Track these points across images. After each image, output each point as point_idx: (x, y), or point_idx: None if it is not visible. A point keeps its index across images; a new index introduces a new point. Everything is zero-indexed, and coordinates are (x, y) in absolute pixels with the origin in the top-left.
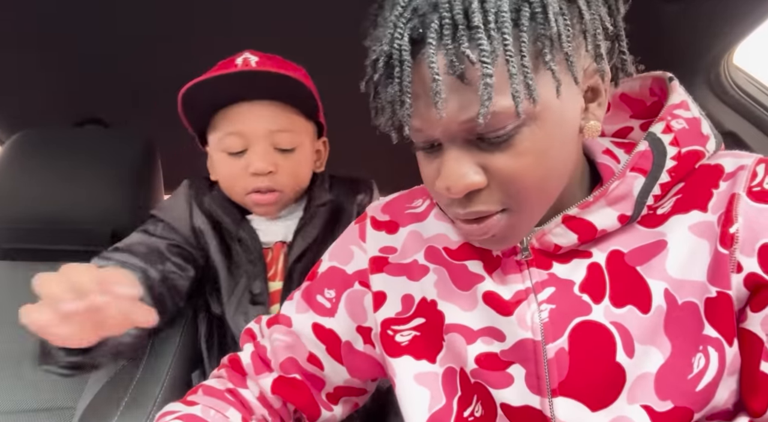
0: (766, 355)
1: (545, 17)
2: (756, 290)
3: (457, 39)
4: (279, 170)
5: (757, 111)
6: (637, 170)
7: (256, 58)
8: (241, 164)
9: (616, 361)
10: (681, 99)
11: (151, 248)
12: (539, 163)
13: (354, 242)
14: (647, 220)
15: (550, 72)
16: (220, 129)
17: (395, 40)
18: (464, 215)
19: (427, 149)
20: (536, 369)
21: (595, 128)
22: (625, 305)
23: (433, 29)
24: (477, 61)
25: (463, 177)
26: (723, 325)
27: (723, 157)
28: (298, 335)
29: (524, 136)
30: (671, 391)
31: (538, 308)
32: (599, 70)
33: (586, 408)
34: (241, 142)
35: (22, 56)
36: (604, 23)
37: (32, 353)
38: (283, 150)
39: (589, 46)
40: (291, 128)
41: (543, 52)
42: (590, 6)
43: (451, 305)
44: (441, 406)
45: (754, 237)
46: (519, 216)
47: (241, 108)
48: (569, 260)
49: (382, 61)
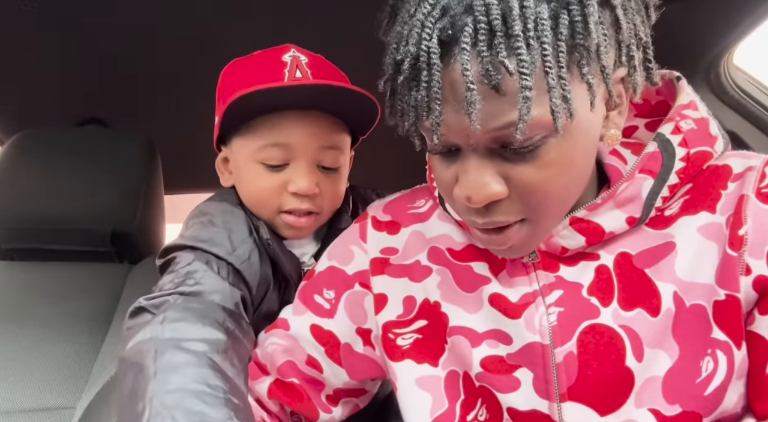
0: None
1: (585, 27)
2: (765, 293)
3: (495, 47)
4: (320, 190)
5: (757, 111)
6: (645, 171)
7: (306, 58)
8: (279, 179)
9: (625, 365)
10: (689, 99)
11: (234, 301)
12: (563, 174)
13: (354, 242)
14: (655, 221)
15: (585, 85)
16: (261, 137)
17: (423, 41)
18: (483, 224)
19: (444, 154)
20: (544, 373)
21: (616, 136)
22: (634, 309)
23: (467, 33)
24: (515, 72)
25: (484, 187)
26: (731, 328)
27: (731, 157)
28: (296, 338)
29: (551, 147)
30: (679, 395)
31: (546, 312)
32: (631, 81)
33: (594, 412)
34: (284, 155)
35: (22, 56)
36: (638, 32)
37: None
38: (326, 168)
39: (623, 56)
40: (339, 145)
41: (580, 63)
42: (627, 14)
43: (455, 307)
44: (443, 410)
45: (764, 239)
46: (537, 226)
47: (291, 117)
48: (576, 263)
49: (408, 64)
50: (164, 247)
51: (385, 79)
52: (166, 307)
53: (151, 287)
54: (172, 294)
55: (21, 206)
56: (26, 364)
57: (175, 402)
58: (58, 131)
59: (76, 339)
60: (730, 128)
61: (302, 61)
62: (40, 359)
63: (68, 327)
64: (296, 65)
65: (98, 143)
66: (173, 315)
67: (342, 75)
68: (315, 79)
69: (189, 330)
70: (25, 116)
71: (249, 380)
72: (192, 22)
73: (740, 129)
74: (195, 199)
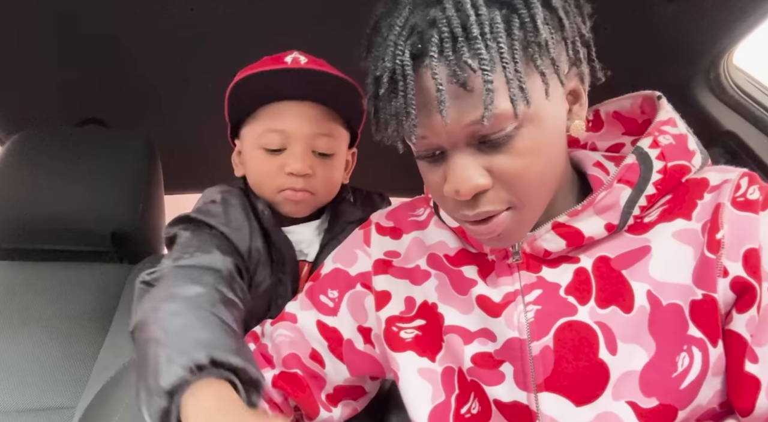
0: (750, 355)
1: (534, 26)
2: (741, 293)
3: (458, 50)
4: (314, 173)
5: (757, 111)
6: (624, 181)
7: (305, 59)
8: (277, 161)
9: (598, 358)
10: (669, 116)
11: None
12: (538, 160)
13: (358, 246)
14: (634, 228)
15: (539, 75)
16: (261, 124)
17: (397, 57)
18: (473, 216)
19: (430, 158)
20: (522, 365)
21: (580, 126)
22: (609, 306)
23: (434, 43)
24: (478, 68)
25: (470, 180)
26: (707, 326)
27: (709, 171)
28: (302, 331)
29: (523, 136)
30: (656, 388)
31: (525, 309)
32: (579, 73)
33: (570, 403)
34: (281, 140)
35: (22, 56)
36: (581, 31)
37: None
38: (321, 154)
39: (569, 51)
40: (332, 133)
41: (533, 57)
42: (569, 16)
43: (450, 308)
44: (441, 401)
45: (739, 243)
46: (523, 213)
47: (287, 106)
48: (558, 265)
49: (386, 77)
50: (169, 221)
51: (368, 97)
52: (162, 278)
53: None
54: (167, 267)
55: (21, 206)
56: (26, 364)
57: (182, 331)
58: (58, 131)
59: (76, 338)
60: (730, 128)
61: (301, 61)
62: (40, 359)
63: (68, 326)
64: (295, 63)
65: (98, 143)
66: (168, 281)
67: (340, 74)
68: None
69: (182, 289)
70: (25, 116)
71: None
72: (192, 22)
73: (740, 129)
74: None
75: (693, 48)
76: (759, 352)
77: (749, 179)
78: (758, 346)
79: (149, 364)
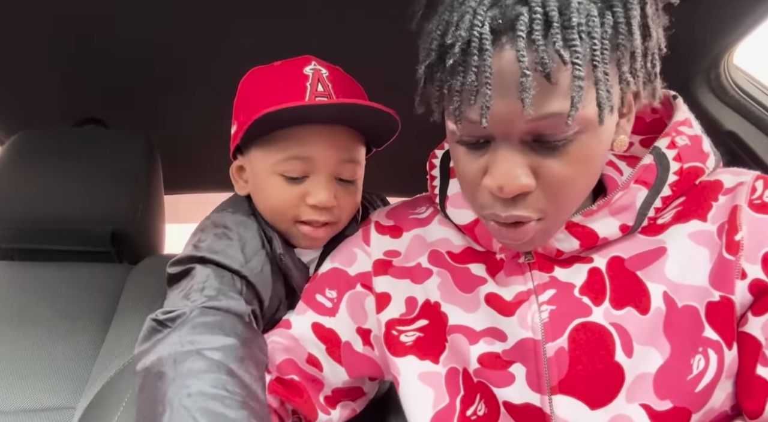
0: (763, 359)
1: (629, 28)
2: (759, 296)
3: (551, 36)
4: (338, 202)
5: (757, 111)
6: (640, 182)
7: (326, 71)
8: (298, 191)
9: (614, 360)
10: (685, 116)
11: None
12: (587, 170)
13: (358, 245)
14: (648, 229)
15: (620, 83)
16: (282, 150)
17: (475, 27)
18: (505, 218)
19: (472, 145)
20: (536, 367)
21: (624, 142)
22: (625, 307)
23: (523, 22)
24: (569, 61)
25: (517, 178)
26: (723, 328)
27: (722, 173)
28: (297, 337)
29: (581, 143)
30: (670, 391)
31: (539, 309)
32: (652, 88)
33: (585, 405)
34: (305, 168)
35: (22, 56)
36: (660, 44)
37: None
38: (344, 181)
39: (648, 64)
40: (358, 158)
41: (621, 62)
42: (655, 25)
43: (454, 307)
44: (444, 405)
45: (758, 246)
46: (554, 222)
47: (312, 131)
48: (570, 265)
49: (458, 48)
50: (178, 257)
51: (426, 64)
52: (183, 320)
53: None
54: (188, 308)
55: (21, 206)
56: (26, 364)
57: (194, 403)
58: (58, 131)
59: (76, 339)
60: (730, 128)
61: (323, 75)
62: (40, 359)
63: (68, 327)
64: (318, 79)
65: (98, 143)
66: (191, 327)
67: (358, 86)
68: (338, 96)
69: (207, 340)
70: (25, 116)
71: None
72: (192, 22)
73: (740, 129)
74: (195, 199)
75: (693, 48)
76: None
77: (764, 182)
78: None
79: (155, 413)
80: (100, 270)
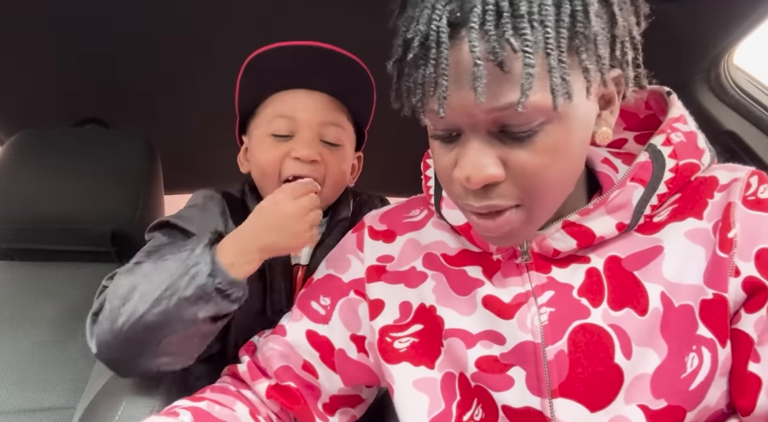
0: (754, 355)
1: (586, 16)
2: (752, 293)
3: (502, 26)
4: (322, 160)
5: (757, 111)
6: (636, 180)
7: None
8: (284, 148)
9: (614, 362)
10: (680, 113)
11: None
12: (557, 161)
13: (351, 251)
14: (644, 227)
15: (581, 71)
16: (270, 111)
17: (433, 21)
18: (478, 208)
19: (445, 138)
20: (536, 370)
21: (607, 134)
22: (623, 308)
23: (476, 14)
24: (519, 49)
25: (483, 168)
26: (717, 326)
27: (717, 170)
28: (293, 344)
29: (548, 133)
30: (665, 390)
31: (538, 312)
32: (624, 77)
33: (585, 408)
34: (290, 126)
35: (22, 56)
36: (631, 32)
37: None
38: (329, 143)
39: (617, 51)
40: (341, 123)
41: (579, 50)
42: (623, 12)
43: (449, 310)
44: (440, 411)
45: (752, 243)
46: (531, 213)
47: (298, 94)
48: (568, 265)
49: (417, 42)
50: (150, 225)
51: (394, 59)
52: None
53: None
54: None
55: (21, 206)
56: (26, 364)
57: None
58: (58, 131)
59: (76, 339)
60: (730, 127)
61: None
62: (40, 359)
63: (68, 327)
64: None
65: (98, 143)
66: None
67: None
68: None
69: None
70: (25, 116)
71: (250, 379)
72: (192, 22)
73: (740, 129)
74: None
75: (693, 48)
76: (761, 351)
77: (759, 177)
78: (761, 346)
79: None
80: (100, 270)
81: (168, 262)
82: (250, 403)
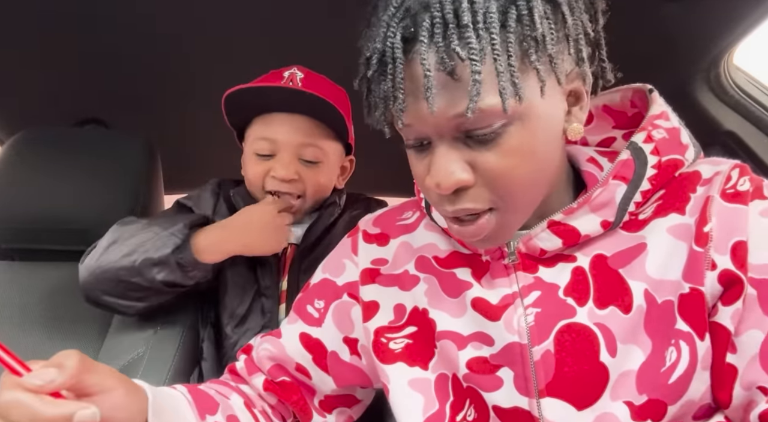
0: (731, 347)
1: (531, 19)
2: (728, 286)
3: (448, 37)
4: (301, 178)
5: (757, 111)
6: (619, 178)
7: (302, 74)
8: (267, 165)
9: (599, 361)
10: (661, 110)
11: None
12: (525, 162)
13: (346, 255)
14: (629, 225)
15: (535, 72)
16: (255, 132)
17: (388, 39)
18: (453, 212)
19: (418, 147)
20: (523, 371)
21: (578, 130)
22: (608, 307)
23: (425, 28)
24: (466, 58)
25: (451, 174)
26: (694, 320)
27: (701, 164)
28: (286, 347)
29: (510, 135)
30: (647, 385)
31: (525, 312)
32: (581, 73)
33: (572, 407)
34: (270, 147)
35: (22, 56)
36: (585, 29)
37: (32, 353)
38: (308, 161)
39: (571, 49)
40: (320, 144)
41: (528, 52)
42: (573, 12)
43: (441, 312)
44: (434, 411)
45: (727, 236)
46: (506, 215)
47: (278, 118)
48: (554, 264)
49: (375, 59)
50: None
51: (359, 77)
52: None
53: None
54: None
55: (21, 206)
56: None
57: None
58: (58, 131)
59: (75, 339)
60: (730, 127)
61: (297, 77)
62: (39, 359)
63: (68, 327)
64: (290, 79)
65: (98, 143)
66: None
67: (335, 87)
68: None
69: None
70: (25, 116)
71: (246, 374)
72: (193, 22)
73: (740, 129)
74: None
75: (693, 48)
76: (737, 342)
77: (740, 170)
78: (737, 336)
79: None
80: None
81: (154, 227)
82: (246, 396)
